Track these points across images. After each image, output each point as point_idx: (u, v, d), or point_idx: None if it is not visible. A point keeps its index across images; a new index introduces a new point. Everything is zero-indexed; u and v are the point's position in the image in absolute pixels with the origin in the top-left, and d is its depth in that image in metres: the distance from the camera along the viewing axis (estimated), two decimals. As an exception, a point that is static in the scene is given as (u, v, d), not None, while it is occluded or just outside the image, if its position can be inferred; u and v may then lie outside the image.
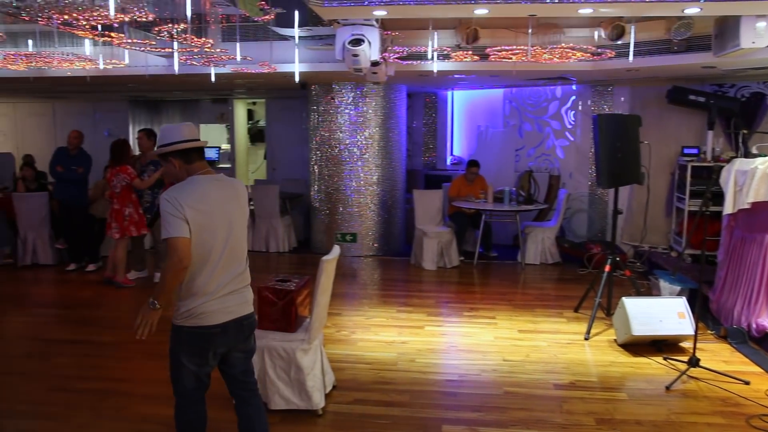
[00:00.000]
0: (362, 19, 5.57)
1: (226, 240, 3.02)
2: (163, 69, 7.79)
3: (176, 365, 3.12)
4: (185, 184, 2.99)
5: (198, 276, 2.97)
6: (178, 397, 3.18)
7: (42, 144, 13.29)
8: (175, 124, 3.13)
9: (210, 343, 3.04)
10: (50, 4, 4.20)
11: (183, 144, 3.03)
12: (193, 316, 3.02)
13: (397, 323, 6.09)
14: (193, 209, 2.88)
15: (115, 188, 7.10)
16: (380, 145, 9.19)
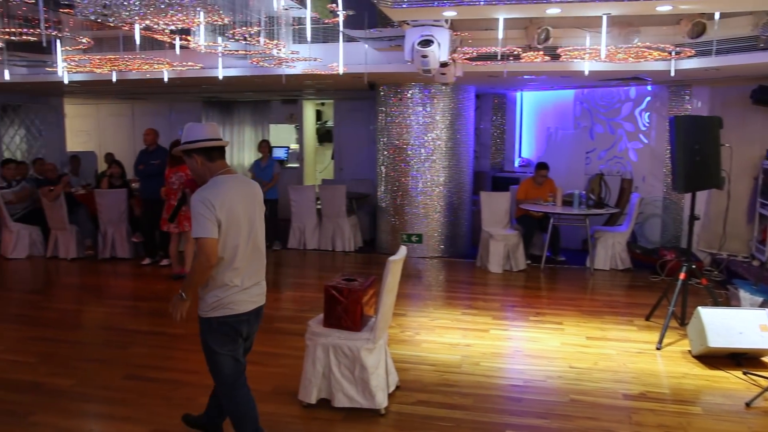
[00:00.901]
0: (432, 20, 5.55)
1: (249, 235, 3.25)
2: (236, 71, 8.01)
3: (212, 356, 3.30)
4: (214, 185, 3.18)
5: (226, 269, 3.18)
6: (221, 387, 3.36)
7: (121, 143, 13.91)
8: (199, 123, 3.30)
9: (238, 330, 3.28)
10: (134, 11, 4.38)
11: (206, 142, 3.21)
12: (222, 307, 3.22)
13: (461, 326, 6.04)
14: (223, 209, 3.09)
15: (173, 185, 7.37)
16: (447, 146, 9.15)
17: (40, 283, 8.12)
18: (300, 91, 11.50)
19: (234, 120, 13.58)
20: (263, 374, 4.79)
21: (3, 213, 9.13)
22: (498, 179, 11.10)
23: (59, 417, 4.10)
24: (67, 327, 6.02)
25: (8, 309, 6.76)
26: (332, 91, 11.55)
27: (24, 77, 9.05)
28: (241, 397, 3.34)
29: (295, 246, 9.79)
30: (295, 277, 8.34)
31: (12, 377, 4.75)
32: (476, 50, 6.24)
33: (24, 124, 11.99)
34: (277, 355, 5.19)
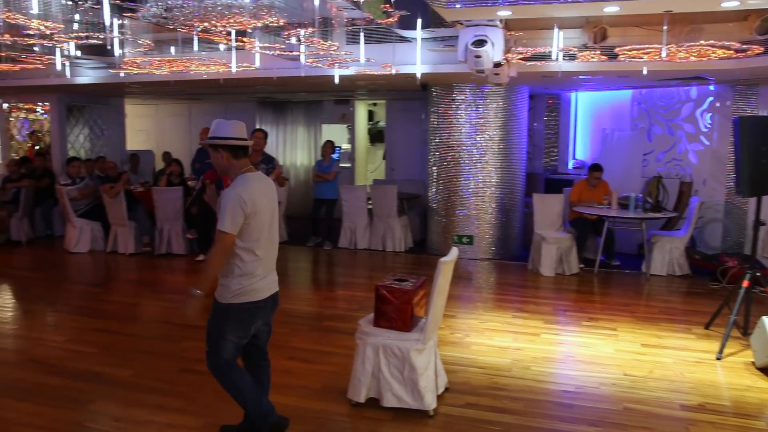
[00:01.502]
0: (486, 20, 5.51)
1: (269, 228, 3.49)
2: (290, 71, 8.11)
3: (219, 338, 3.45)
4: (244, 182, 3.38)
5: (250, 260, 3.40)
6: (215, 368, 3.50)
7: (178, 142, 14.29)
8: (228, 121, 3.47)
9: (256, 316, 3.49)
10: (192, 13, 4.49)
11: (234, 141, 3.41)
12: (244, 294, 3.41)
13: (512, 329, 5.97)
14: (255, 203, 3.32)
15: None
16: (500, 147, 9.06)
17: (100, 277, 8.41)
18: (352, 91, 11.57)
19: (287, 120, 13.77)
20: (313, 372, 4.84)
21: (67, 209, 9.50)
22: (551, 181, 10.93)
23: (117, 406, 4.24)
24: (125, 319, 6.21)
25: (71, 301, 7.02)
26: (384, 92, 11.59)
27: (89, 79, 9.38)
28: (236, 372, 3.51)
29: (345, 245, 9.85)
30: (345, 276, 8.39)
31: (74, 366, 4.93)
32: (531, 50, 6.15)
33: (88, 124, 12.44)
34: (328, 354, 5.24)
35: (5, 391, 4.48)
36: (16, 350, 5.41)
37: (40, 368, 4.91)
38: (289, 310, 6.52)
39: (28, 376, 4.75)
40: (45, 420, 4.05)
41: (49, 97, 11.48)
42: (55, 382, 4.63)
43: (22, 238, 10.03)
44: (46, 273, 8.37)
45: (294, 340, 5.56)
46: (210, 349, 3.50)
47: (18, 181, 10.20)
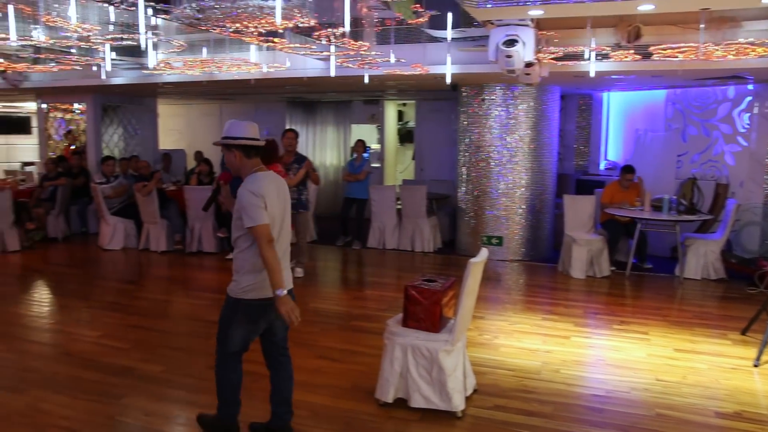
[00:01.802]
0: (517, 20, 5.46)
1: (280, 225, 3.54)
2: (320, 71, 8.16)
3: (228, 331, 3.59)
4: (256, 179, 3.45)
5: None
6: (221, 356, 3.66)
7: (209, 142, 14.38)
8: (241, 121, 3.56)
9: (265, 312, 3.52)
10: (225, 14, 4.53)
11: (247, 141, 3.49)
12: (254, 290, 3.47)
13: (541, 331, 5.91)
14: (266, 200, 3.38)
15: None
16: (530, 148, 8.98)
17: (133, 274, 8.55)
18: (382, 91, 11.58)
19: (317, 120, 13.84)
20: (342, 371, 4.86)
21: (101, 207, 9.69)
22: (582, 182, 10.80)
23: (148, 400, 4.31)
24: (157, 316, 6.31)
25: (105, 297, 7.15)
26: (414, 92, 11.58)
27: (123, 80, 9.55)
28: (234, 369, 3.68)
29: (374, 245, 9.87)
30: (374, 276, 8.40)
31: (108, 361, 5.02)
32: (562, 49, 6.09)
33: (122, 124, 12.66)
34: (356, 353, 5.25)
35: (43, 384, 4.59)
36: (52, 344, 5.54)
37: (75, 362, 5.02)
38: (319, 310, 6.55)
39: (63, 370, 4.86)
40: (80, 413, 4.13)
41: (86, 97, 11.72)
42: (90, 376, 4.72)
43: (58, 235, 10.26)
44: (81, 269, 8.54)
45: (323, 339, 5.58)
46: (219, 338, 3.65)
47: (55, 179, 10.44)
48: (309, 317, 6.29)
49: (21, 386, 4.55)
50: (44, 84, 10.62)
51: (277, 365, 3.78)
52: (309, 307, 6.65)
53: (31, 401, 4.29)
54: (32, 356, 5.19)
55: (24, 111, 17.51)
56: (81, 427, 3.94)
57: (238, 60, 7.46)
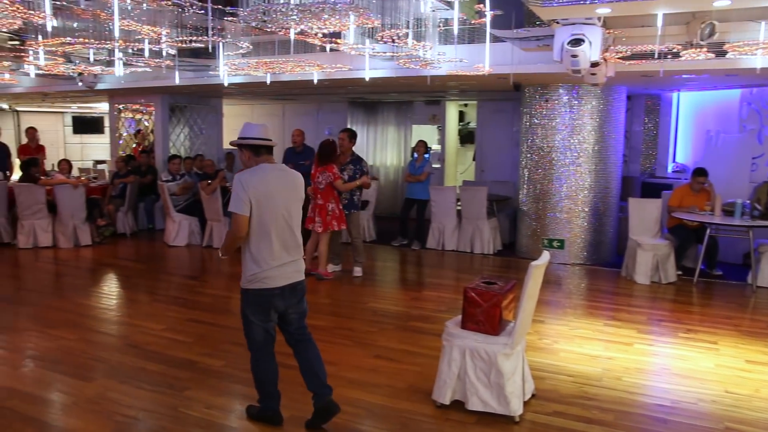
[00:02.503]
0: (583, 18, 5.33)
1: (283, 219, 3.68)
2: (382, 72, 8.18)
3: (246, 323, 3.78)
4: (253, 170, 3.69)
5: (260, 247, 3.64)
6: (252, 352, 3.83)
7: (273, 141, 14.70)
8: (254, 124, 3.81)
9: (270, 302, 3.70)
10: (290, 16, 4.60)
11: (254, 140, 3.74)
12: (257, 281, 3.67)
13: (603, 337, 5.76)
14: (255, 190, 3.57)
15: (320, 185, 7.47)
16: (595, 150, 8.77)
17: (196, 270, 8.79)
18: (444, 92, 11.54)
19: (378, 120, 13.90)
20: (399, 371, 4.86)
21: (168, 204, 10.00)
22: (648, 185, 10.47)
23: (210, 394, 4.41)
24: (218, 311, 6.46)
25: (169, 292, 7.37)
26: (476, 92, 11.49)
27: (191, 81, 9.83)
28: (266, 363, 3.82)
29: (433, 246, 9.84)
30: (432, 277, 8.37)
31: (172, 354, 5.18)
32: (630, 48, 5.91)
33: (188, 123, 13.04)
34: (413, 354, 5.24)
35: (110, 373, 4.77)
36: (119, 336, 5.74)
37: (140, 354, 5.19)
38: (377, 309, 6.58)
39: (129, 361, 5.03)
40: (144, 403, 4.27)
41: (154, 98, 12.13)
42: (154, 368, 4.87)
43: (126, 231, 10.67)
44: (147, 264, 8.83)
45: (381, 339, 5.60)
46: (244, 333, 3.84)
47: (125, 177, 10.84)
48: (367, 317, 6.32)
49: (90, 375, 4.74)
50: (116, 86, 11.04)
51: (301, 349, 3.95)
52: (367, 307, 6.68)
53: (100, 389, 4.47)
54: (101, 346, 5.40)
55: (97, 111, 18.30)
56: (145, 417, 4.07)
57: (301, 61, 7.56)
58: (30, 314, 6.29)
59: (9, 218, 9.90)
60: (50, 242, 9.61)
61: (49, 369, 4.86)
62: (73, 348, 5.33)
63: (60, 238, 9.63)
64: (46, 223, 9.60)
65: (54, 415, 4.11)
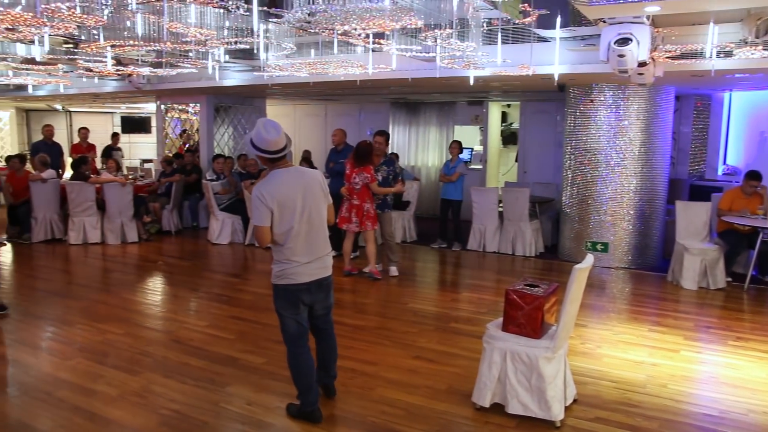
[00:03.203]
0: (631, 17, 5.23)
1: (303, 218, 3.79)
2: (425, 72, 8.16)
3: (279, 317, 3.94)
4: (269, 179, 3.79)
5: (287, 246, 3.78)
6: (288, 345, 3.98)
7: (315, 141, 14.85)
8: (266, 130, 3.73)
9: (298, 297, 3.87)
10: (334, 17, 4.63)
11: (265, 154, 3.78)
12: (284, 277, 3.84)
13: (647, 343, 5.63)
14: (274, 197, 3.69)
15: (356, 185, 7.47)
16: (641, 151, 8.58)
17: (238, 268, 8.91)
18: (486, 92, 11.45)
19: (420, 121, 13.87)
20: (438, 372, 4.83)
21: (211, 203, 10.17)
22: (697, 188, 10.19)
23: (251, 390, 4.47)
24: (260, 309, 6.53)
25: (212, 289, 7.49)
26: (519, 93, 11.37)
27: (235, 81, 9.98)
28: (301, 354, 3.95)
29: (474, 248, 9.77)
30: (473, 278, 8.31)
31: (214, 350, 5.26)
32: (680, 47, 5.76)
33: (232, 123, 13.24)
34: (453, 355, 5.21)
35: (155, 367, 4.87)
36: (164, 331, 5.86)
37: (183, 349, 5.29)
38: (417, 310, 6.56)
39: (173, 356, 5.13)
40: (187, 397, 4.35)
41: (200, 98, 12.35)
42: (197, 363, 4.96)
43: (171, 229, 10.89)
44: (191, 261, 8.99)
45: (420, 340, 5.58)
46: (280, 327, 3.99)
47: (170, 176, 11.07)
48: (407, 317, 6.32)
49: (136, 368, 4.86)
50: (163, 86, 11.28)
51: (321, 338, 4.19)
52: (407, 307, 6.67)
53: (145, 383, 4.57)
54: (146, 341, 5.52)
55: (144, 112, 18.74)
56: (188, 411, 4.15)
57: (344, 62, 7.60)
58: (80, 308, 6.47)
59: (61, 215, 10.21)
60: (99, 239, 9.88)
61: (97, 361, 5.00)
62: (120, 342, 5.46)
63: (108, 235, 9.90)
64: (95, 220, 9.88)
65: (101, 407, 4.22)
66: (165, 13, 5.32)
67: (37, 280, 7.79)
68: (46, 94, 13.90)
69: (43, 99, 15.79)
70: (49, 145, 11.47)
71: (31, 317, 6.15)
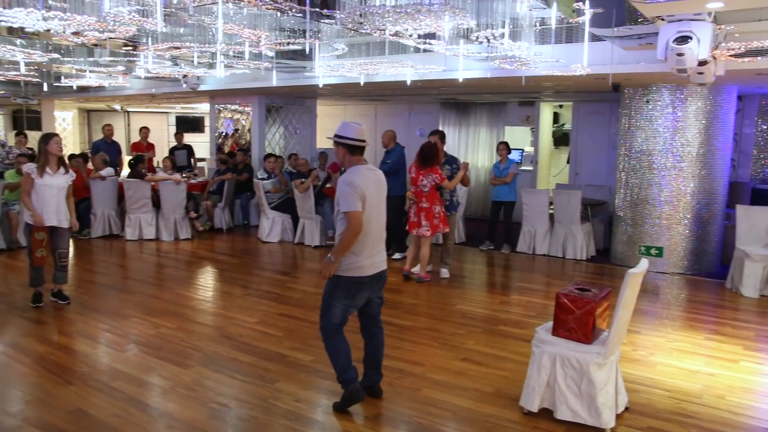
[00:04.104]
0: (691, 14, 5.06)
1: (376, 214, 4.02)
2: (476, 73, 8.10)
3: (329, 306, 4.06)
4: (355, 171, 3.98)
5: (359, 240, 3.91)
6: (326, 328, 4.10)
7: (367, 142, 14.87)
8: (352, 124, 4.10)
9: (360, 289, 4.02)
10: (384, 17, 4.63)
11: (352, 141, 4.04)
12: (352, 269, 3.96)
13: (704, 352, 5.45)
14: (363, 189, 3.89)
15: (424, 188, 7.40)
16: (699, 153, 8.31)
17: (288, 266, 9.01)
18: (538, 92, 11.29)
19: (470, 121, 13.76)
20: (486, 375, 4.79)
21: (262, 201, 10.32)
22: (759, 191, 9.81)
23: (298, 387, 4.51)
24: (308, 307, 6.59)
25: (262, 286, 7.60)
26: (572, 93, 11.17)
27: (287, 81, 10.11)
28: (338, 338, 4.10)
29: (524, 250, 9.65)
30: (522, 281, 8.20)
31: (263, 347, 5.33)
32: (744, 45, 5.55)
33: (283, 123, 13.42)
34: (501, 358, 5.15)
35: (205, 362, 4.97)
36: (214, 326, 5.97)
37: (233, 345, 5.38)
38: (465, 312, 6.51)
39: (223, 351, 5.22)
40: (236, 392, 4.42)
41: (252, 98, 12.56)
42: (246, 359, 5.04)
43: (223, 226, 11.11)
44: (241, 259, 9.14)
45: (468, 342, 5.54)
46: (322, 312, 4.10)
47: (222, 174, 11.28)
48: (455, 319, 6.28)
49: (187, 362, 4.96)
50: (217, 87, 11.52)
51: (371, 335, 4.30)
52: (455, 309, 6.63)
53: (195, 377, 4.66)
54: (197, 336, 5.64)
55: (198, 111, 19.18)
56: (237, 406, 4.21)
57: (395, 62, 7.60)
58: (135, 302, 6.66)
59: (118, 211, 10.53)
60: (153, 235, 10.16)
61: (150, 354, 5.13)
62: (172, 336, 5.59)
63: (162, 231, 10.17)
64: (150, 216, 10.16)
65: (154, 398, 4.33)
66: (219, 15, 5.43)
67: (96, 274, 8.05)
68: (107, 95, 14.39)
69: (103, 99, 16.34)
70: (109, 144, 11.84)
71: (90, 310, 6.36)
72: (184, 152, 12.82)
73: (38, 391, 4.40)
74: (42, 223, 6.08)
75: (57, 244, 6.26)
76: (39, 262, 6.23)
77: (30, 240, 6.18)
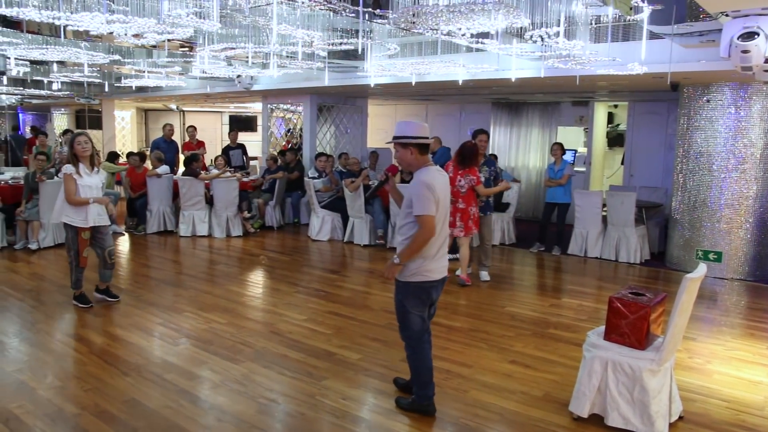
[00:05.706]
0: (759, 9, 4.86)
1: (444, 215, 3.91)
2: (529, 72, 7.99)
3: (404, 313, 3.97)
4: (428, 173, 3.84)
5: (429, 243, 3.81)
6: (409, 340, 4.02)
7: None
8: (415, 122, 3.93)
9: (429, 293, 3.95)
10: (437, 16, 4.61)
11: (422, 140, 3.87)
12: (420, 274, 3.87)
13: (765, 362, 5.23)
14: (436, 191, 3.76)
15: (462, 188, 7.25)
16: (763, 155, 7.99)
17: (337, 264, 9.07)
18: (592, 92, 11.06)
19: (522, 121, 13.59)
20: (535, 378, 4.72)
21: (313, 200, 10.43)
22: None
23: (346, 385, 4.53)
24: (357, 306, 6.62)
25: (311, 284, 7.67)
26: (628, 93, 10.90)
27: (339, 81, 10.18)
28: (423, 350, 4.00)
29: (575, 252, 9.47)
30: (573, 284, 8.04)
31: (312, 344, 5.38)
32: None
33: (334, 123, 13.53)
34: (551, 362, 5.06)
35: (255, 357, 5.04)
36: (264, 322, 6.06)
37: (282, 341, 5.45)
38: (514, 314, 6.44)
39: (272, 347, 5.30)
40: (284, 388, 4.47)
41: (304, 98, 12.70)
42: (295, 356, 5.09)
43: (274, 224, 11.27)
44: (292, 257, 9.25)
45: (517, 345, 5.47)
46: (400, 324, 4.04)
47: (274, 173, 11.45)
48: (504, 321, 6.21)
49: (237, 357, 5.05)
50: (270, 86, 11.69)
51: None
52: (504, 311, 6.56)
53: (245, 372, 4.74)
54: (247, 331, 5.73)
55: (251, 111, 19.50)
56: (285, 402, 4.26)
57: (447, 62, 7.56)
58: (187, 297, 6.82)
59: (173, 208, 10.81)
60: (206, 231, 10.39)
61: (201, 348, 5.24)
62: (223, 331, 5.70)
63: (215, 228, 10.38)
64: (203, 214, 10.39)
65: (205, 391, 4.42)
66: (274, 16, 5.50)
67: (150, 269, 8.28)
68: (164, 95, 14.78)
69: (160, 99, 16.80)
70: (168, 143, 12.16)
71: (144, 303, 6.54)
72: (239, 151, 13.03)
73: (96, 381, 4.54)
74: (105, 201, 6.20)
75: (104, 242, 6.30)
76: (85, 262, 6.25)
77: (77, 240, 6.13)
